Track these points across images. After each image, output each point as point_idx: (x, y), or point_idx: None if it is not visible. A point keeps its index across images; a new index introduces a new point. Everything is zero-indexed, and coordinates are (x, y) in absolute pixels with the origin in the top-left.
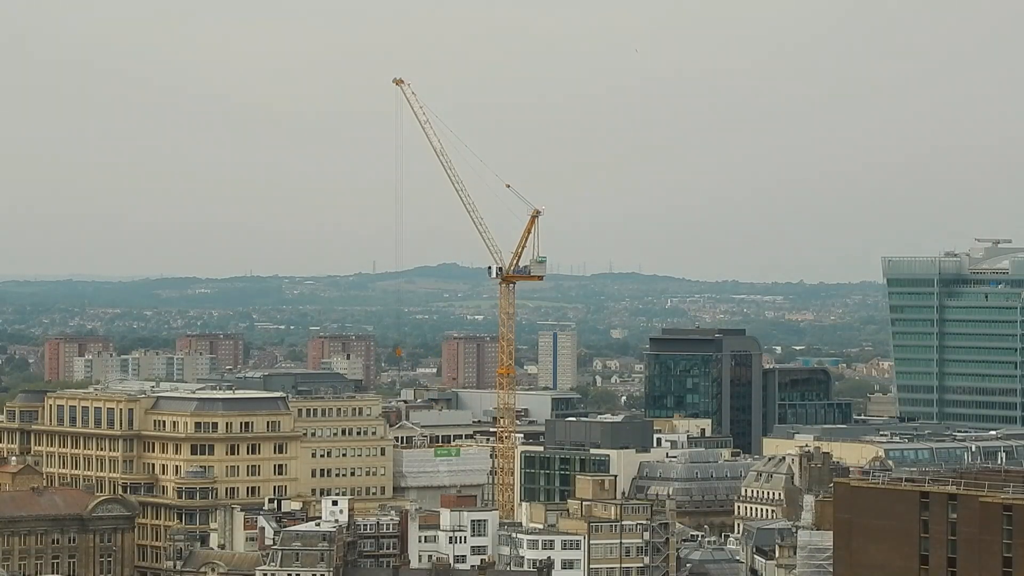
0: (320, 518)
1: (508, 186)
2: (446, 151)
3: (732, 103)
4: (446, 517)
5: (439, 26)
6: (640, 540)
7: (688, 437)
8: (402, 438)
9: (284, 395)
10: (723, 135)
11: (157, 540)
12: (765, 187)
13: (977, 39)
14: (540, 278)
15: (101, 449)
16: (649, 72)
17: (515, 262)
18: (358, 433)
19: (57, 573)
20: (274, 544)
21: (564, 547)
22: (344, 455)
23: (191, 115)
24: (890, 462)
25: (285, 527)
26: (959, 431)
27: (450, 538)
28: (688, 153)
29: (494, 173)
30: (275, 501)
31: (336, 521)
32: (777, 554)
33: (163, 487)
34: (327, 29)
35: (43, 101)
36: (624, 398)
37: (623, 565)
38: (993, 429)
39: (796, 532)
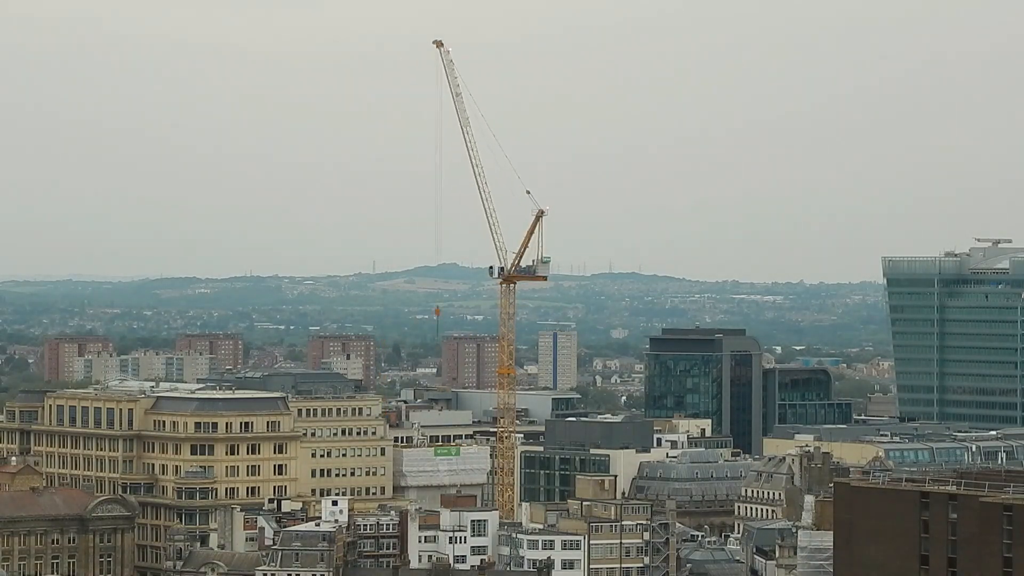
0: (320, 518)
1: (528, 192)
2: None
3: (732, 103)
4: (446, 517)
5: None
6: (640, 540)
7: (688, 437)
8: (402, 437)
9: (284, 395)
10: (723, 136)
11: (157, 540)
12: (765, 187)
13: (977, 37)
14: (544, 278)
15: (101, 449)
16: (650, 75)
17: (517, 262)
18: (358, 433)
19: (57, 573)
20: (274, 544)
21: (564, 547)
22: (344, 455)
23: (190, 115)
24: (890, 462)
25: (285, 527)
26: (959, 431)
27: (450, 538)
28: (688, 154)
29: (517, 174)
30: (275, 501)
31: (336, 521)
32: (777, 554)
33: (163, 487)
34: (321, 31)
35: (42, 101)
36: (624, 398)
37: (623, 565)
38: (993, 429)
39: (796, 532)
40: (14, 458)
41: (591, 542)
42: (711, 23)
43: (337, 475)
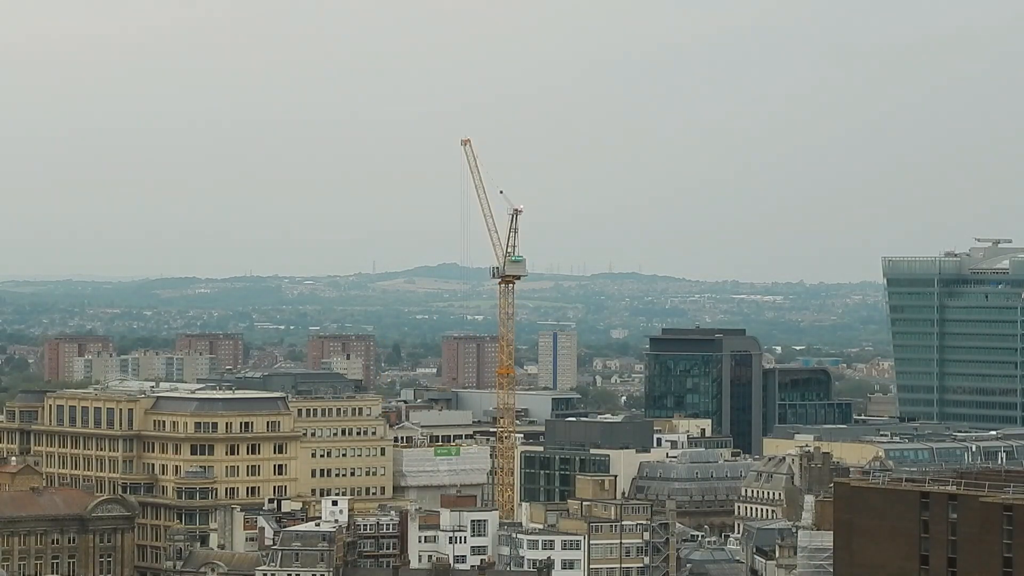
0: (320, 518)
1: (501, 192)
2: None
3: (732, 104)
4: (446, 517)
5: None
6: (640, 540)
7: (688, 437)
8: (402, 437)
9: (284, 395)
10: (723, 136)
11: (157, 540)
12: (766, 187)
13: (977, 38)
14: (517, 278)
15: (101, 449)
16: (650, 76)
17: (504, 262)
18: (358, 433)
19: (57, 573)
20: (274, 544)
21: (564, 547)
22: (344, 455)
23: (191, 115)
24: (890, 462)
25: (285, 527)
26: (959, 431)
27: (450, 538)
28: (688, 154)
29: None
30: (275, 501)
31: (336, 521)
32: (777, 554)
33: (163, 487)
34: (315, 33)
35: (41, 99)
36: (624, 398)
37: (623, 565)
38: (993, 429)
39: (796, 532)
40: (14, 458)
41: (591, 542)
42: (710, 27)
43: (337, 475)
